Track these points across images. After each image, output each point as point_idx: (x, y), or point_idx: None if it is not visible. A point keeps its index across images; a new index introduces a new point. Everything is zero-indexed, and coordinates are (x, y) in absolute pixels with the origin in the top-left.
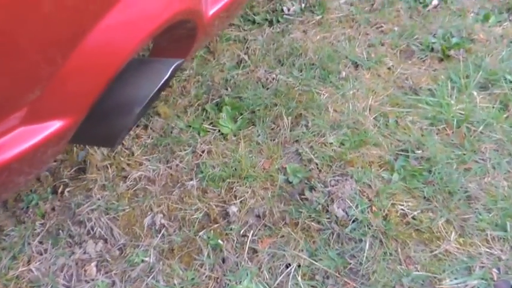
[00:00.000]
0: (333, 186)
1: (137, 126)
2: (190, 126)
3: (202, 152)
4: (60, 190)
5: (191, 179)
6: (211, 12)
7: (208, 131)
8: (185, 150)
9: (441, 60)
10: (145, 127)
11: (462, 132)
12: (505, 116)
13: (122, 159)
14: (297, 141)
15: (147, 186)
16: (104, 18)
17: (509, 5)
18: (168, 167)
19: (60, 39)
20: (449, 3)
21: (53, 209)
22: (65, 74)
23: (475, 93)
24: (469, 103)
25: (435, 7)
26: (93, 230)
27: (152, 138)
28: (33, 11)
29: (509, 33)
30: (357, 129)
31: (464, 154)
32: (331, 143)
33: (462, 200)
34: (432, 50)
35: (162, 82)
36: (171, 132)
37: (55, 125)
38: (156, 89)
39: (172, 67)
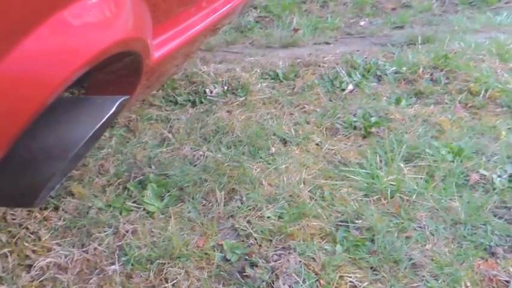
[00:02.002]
0: (275, 261)
1: (45, 208)
2: (110, 205)
3: (126, 232)
4: None
5: (113, 263)
6: (157, 54)
7: (132, 210)
8: (105, 231)
9: (364, 137)
10: (56, 208)
11: (396, 202)
12: (433, 185)
13: (26, 244)
14: (232, 216)
15: (57, 276)
16: (20, 43)
17: (416, 90)
18: (84, 251)
19: None
20: (364, 88)
21: None
22: None
23: (402, 165)
24: (398, 174)
25: (351, 91)
26: None
27: (64, 220)
28: None
29: (421, 114)
30: (294, 202)
31: (402, 222)
32: (269, 217)
33: (408, 269)
34: (355, 128)
35: (105, 119)
36: (88, 213)
37: None
38: (98, 126)
39: (118, 102)
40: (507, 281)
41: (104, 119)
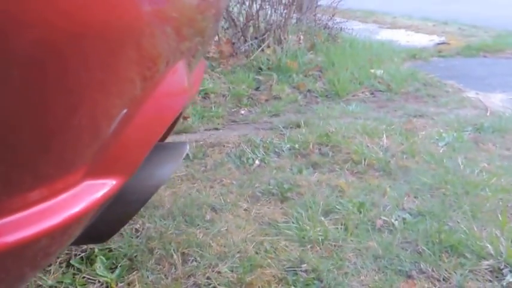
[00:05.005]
0: None
1: None
2: (61, 282)
3: None
4: None
5: None
6: None
7: (87, 284)
8: None
9: (282, 201)
10: None
11: (328, 248)
12: (350, 232)
13: None
14: (192, 275)
15: None
16: (149, 97)
17: (311, 162)
18: None
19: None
20: (269, 163)
21: None
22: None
23: (323, 219)
24: (321, 226)
25: (259, 166)
26: None
27: None
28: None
29: (323, 180)
30: (243, 256)
31: (337, 262)
32: (226, 271)
33: None
34: (273, 194)
35: (182, 159)
36: None
37: (112, 183)
38: (177, 165)
39: (188, 145)
40: None
41: (181, 160)
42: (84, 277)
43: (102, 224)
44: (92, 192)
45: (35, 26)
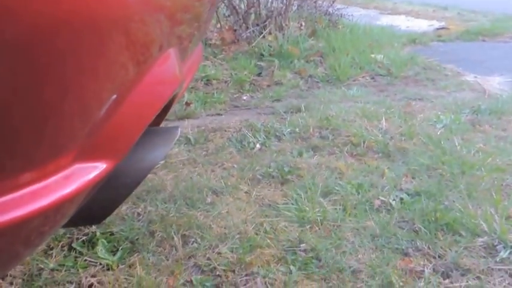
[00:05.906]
0: (245, 285)
1: None
2: (63, 265)
3: (91, 285)
4: None
5: None
6: None
7: (88, 266)
8: None
9: (283, 183)
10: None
11: (327, 228)
12: (349, 213)
13: None
14: (192, 256)
15: None
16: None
17: (312, 145)
18: None
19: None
20: (269, 146)
21: None
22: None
23: (322, 200)
24: (320, 207)
25: (259, 149)
26: None
27: (16, 285)
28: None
29: (322, 162)
30: (243, 237)
31: (336, 242)
32: (226, 252)
33: (351, 275)
34: (273, 177)
35: (173, 143)
36: (40, 275)
37: (102, 166)
38: (169, 149)
39: (179, 129)
40: (422, 270)
41: (173, 143)
42: (85, 260)
43: (96, 206)
44: (83, 174)
45: (23, 13)
